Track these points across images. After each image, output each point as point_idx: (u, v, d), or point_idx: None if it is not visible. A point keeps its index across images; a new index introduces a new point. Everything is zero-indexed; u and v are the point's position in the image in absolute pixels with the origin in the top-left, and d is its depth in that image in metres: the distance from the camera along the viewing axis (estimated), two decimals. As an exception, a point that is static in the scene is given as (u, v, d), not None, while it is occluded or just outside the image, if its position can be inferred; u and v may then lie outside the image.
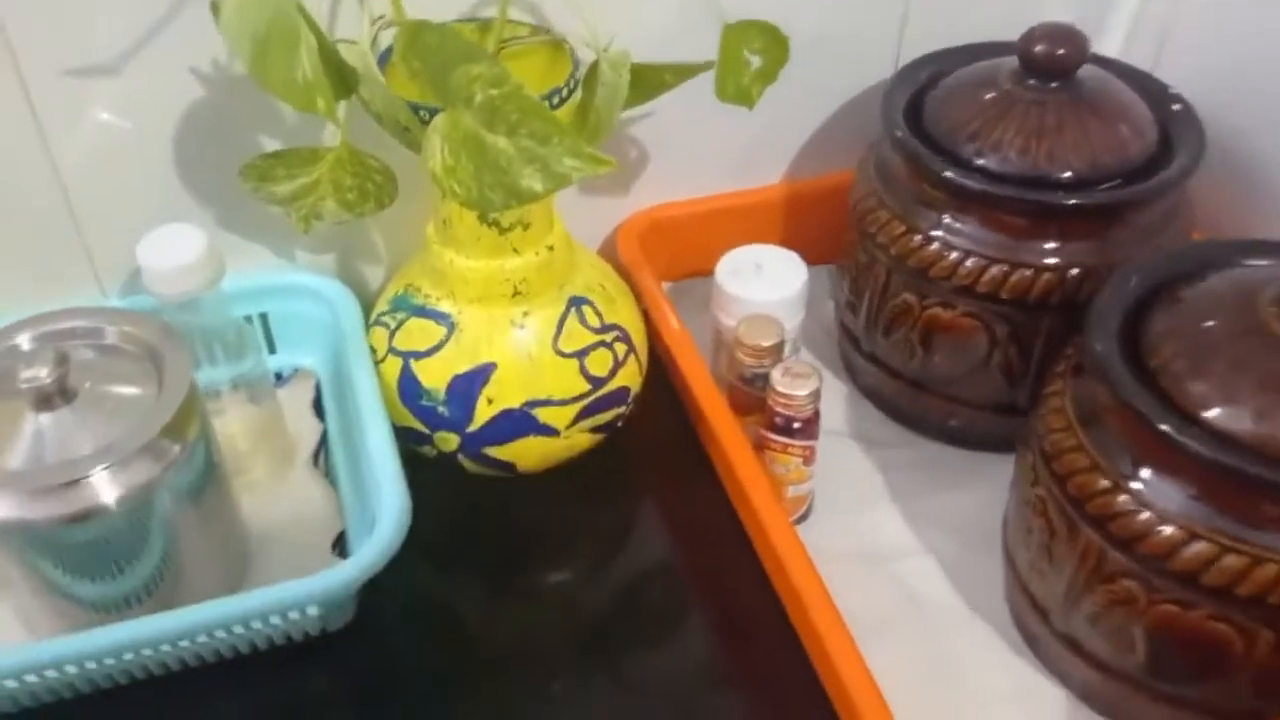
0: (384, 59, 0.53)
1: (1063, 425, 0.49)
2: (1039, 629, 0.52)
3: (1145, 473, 0.45)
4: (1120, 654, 0.48)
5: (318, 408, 0.64)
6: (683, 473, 0.63)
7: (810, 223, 0.71)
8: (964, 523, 0.60)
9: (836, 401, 0.67)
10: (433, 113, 0.47)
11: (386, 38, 0.53)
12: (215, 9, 0.47)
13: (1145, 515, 0.44)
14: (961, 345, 0.59)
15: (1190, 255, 0.51)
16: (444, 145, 0.45)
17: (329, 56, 0.46)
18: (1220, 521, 0.43)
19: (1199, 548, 0.43)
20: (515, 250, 0.55)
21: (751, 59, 0.51)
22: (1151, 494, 0.44)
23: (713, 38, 0.56)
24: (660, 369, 0.65)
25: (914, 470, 0.63)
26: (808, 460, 0.58)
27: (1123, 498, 0.45)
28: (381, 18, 0.51)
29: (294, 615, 0.51)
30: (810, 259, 0.64)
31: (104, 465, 0.48)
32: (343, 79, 0.47)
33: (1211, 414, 0.44)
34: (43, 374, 0.49)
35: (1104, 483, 0.46)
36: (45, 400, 0.50)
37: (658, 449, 0.65)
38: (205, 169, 0.61)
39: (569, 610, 0.58)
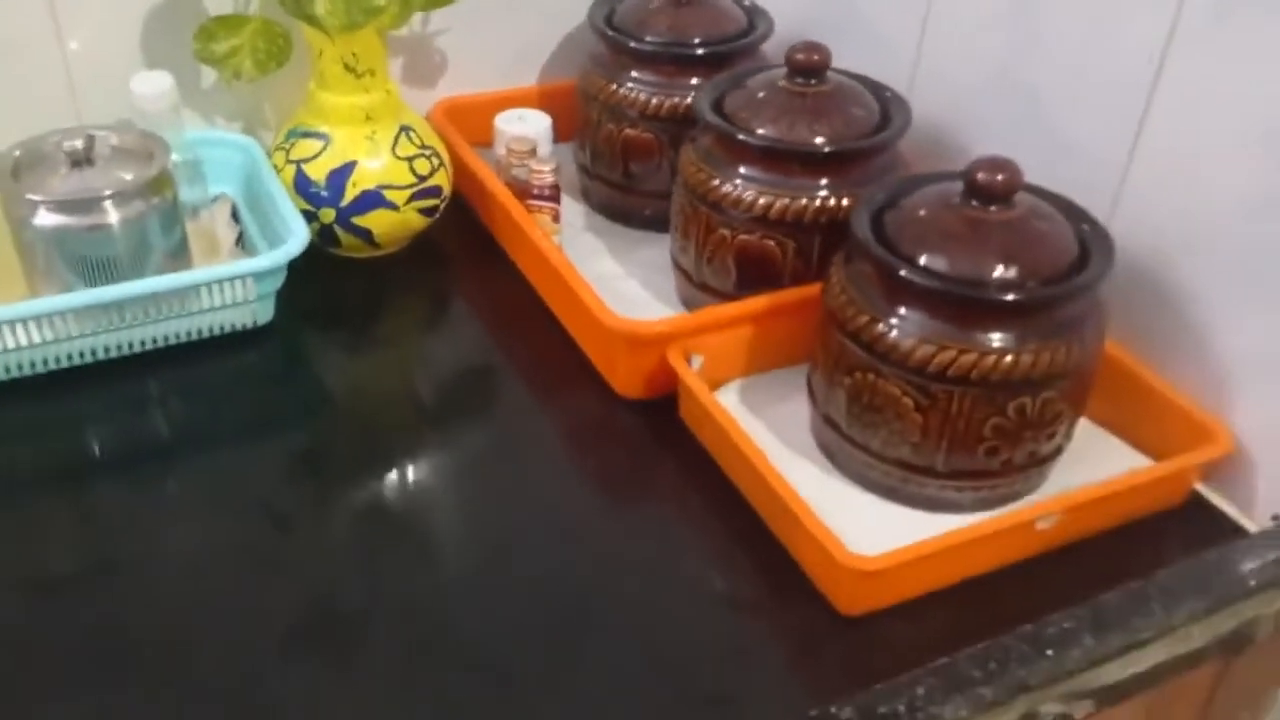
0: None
1: (691, 167, 0.81)
2: (690, 291, 0.84)
3: (734, 168, 0.78)
4: (723, 281, 0.80)
5: (235, 218, 0.91)
6: (482, 259, 0.93)
7: (552, 108, 1.02)
8: (652, 262, 0.91)
9: (578, 216, 0.98)
10: (316, -10, 0.77)
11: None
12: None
13: (725, 187, 0.77)
14: (644, 153, 0.91)
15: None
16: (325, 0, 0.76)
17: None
18: (761, 178, 0.76)
19: (750, 194, 0.76)
20: (366, 90, 0.85)
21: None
22: (725, 175, 0.77)
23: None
24: (462, 202, 0.95)
25: (627, 244, 0.95)
26: (556, 218, 0.89)
27: (715, 181, 0.78)
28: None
29: (241, 290, 0.78)
30: (557, 138, 0.96)
31: (110, 194, 0.75)
32: (262, -33, 0.77)
33: (756, 132, 0.77)
34: (78, 144, 0.76)
35: (703, 176, 0.78)
36: (76, 162, 0.76)
37: (463, 248, 0.95)
38: (161, 55, 0.89)
39: (413, 342, 0.87)
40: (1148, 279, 0.73)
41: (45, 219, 0.74)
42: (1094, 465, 0.71)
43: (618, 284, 0.89)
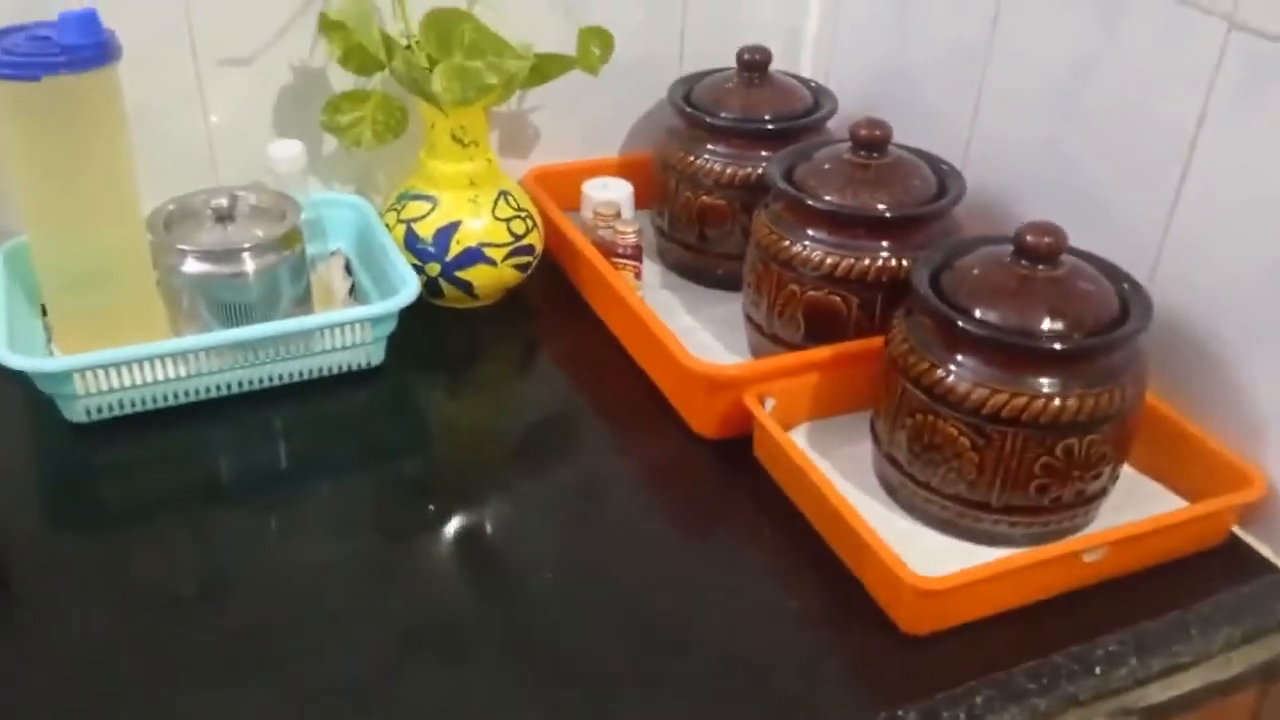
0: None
1: (764, 229, 0.88)
2: (761, 342, 0.90)
3: (803, 231, 0.84)
4: (792, 333, 0.86)
5: (348, 271, 0.99)
6: (568, 312, 1.00)
7: (629, 177, 1.09)
8: (724, 318, 0.97)
9: (654, 275, 1.05)
10: (431, 69, 0.85)
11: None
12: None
13: (795, 248, 0.83)
14: (719, 218, 0.98)
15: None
16: (442, 78, 0.84)
17: (382, 35, 0.84)
18: (828, 240, 0.82)
19: (818, 254, 0.82)
20: (470, 159, 0.93)
21: (595, 50, 0.92)
22: (795, 237, 0.84)
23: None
24: (550, 260, 1.03)
25: (701, 301, 1.01)
26: (638, 275, 0.96)
27: (786, 242, 0.84)
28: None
29: (359, 333, 0.85)
30: (636, 204, 1.03)
31: (248, 247, 0.83)
32: (387, 50, 0.85)
33: (824, 199, 0.84)
34: (224, 202, 0.84)
35: (775, 238, 0.85)
36: (221, 218, 0.85)
37: (551, 301, 1.02)
38: (286, 124, 0.97)
39: (506, 385, 0.94)
40: (1185, 334, 0.78)
41: (191, 266, 0.82)
42: (1139, 510, 0.75)
43: (693, 336, 0.95)
